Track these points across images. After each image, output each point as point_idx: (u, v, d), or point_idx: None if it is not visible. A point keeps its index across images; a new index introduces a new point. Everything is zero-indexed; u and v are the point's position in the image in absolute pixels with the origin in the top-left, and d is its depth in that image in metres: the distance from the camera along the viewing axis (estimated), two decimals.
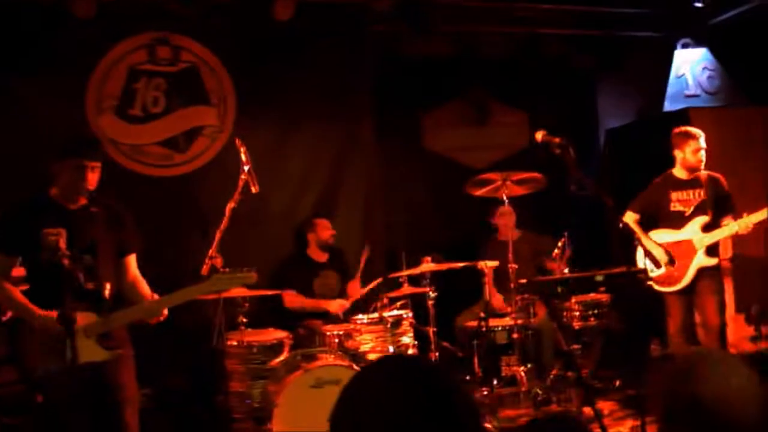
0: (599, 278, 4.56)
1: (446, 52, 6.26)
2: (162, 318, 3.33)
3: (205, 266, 4.18)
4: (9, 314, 3.93)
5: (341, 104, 6.02)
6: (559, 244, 5.18)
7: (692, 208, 4.91)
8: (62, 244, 3.20)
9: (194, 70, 5.60)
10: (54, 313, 3.08)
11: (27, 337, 3.16)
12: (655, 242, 4.86)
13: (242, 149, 4.44)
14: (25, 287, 3.26)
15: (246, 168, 4.40)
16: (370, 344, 4.70)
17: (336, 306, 5.30)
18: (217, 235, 4.27)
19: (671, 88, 6.57)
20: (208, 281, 3.39)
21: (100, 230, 3.31)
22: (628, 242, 4.76)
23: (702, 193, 4.91)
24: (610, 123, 7.11)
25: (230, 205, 4.34)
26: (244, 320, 4.53)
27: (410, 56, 6.21)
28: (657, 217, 5.04)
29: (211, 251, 4.22)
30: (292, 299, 5.33)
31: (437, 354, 4.82)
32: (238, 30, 5.66)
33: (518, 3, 6.10)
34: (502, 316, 5.38)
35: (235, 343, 4.54)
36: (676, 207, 4.99)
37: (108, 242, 3.36)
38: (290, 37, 5.74)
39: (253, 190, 4.39)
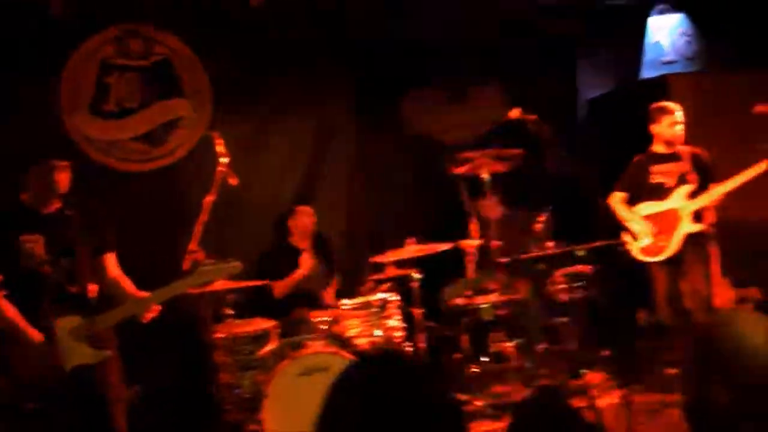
0: (581, 253, 4.59)
1: (422, 34, 6.16)
2: (154, 314, 3.34)
3: (186, 261, 4.16)
4: None
5: (319, 90, 5.98)
6: (541, 219, 5.19)
7: (675, 179, 4.93)
8: (40, 250, 3.21)
9: (168, 62, 5.54)
10: (37, 335, 3.09)
11: (14, 344, 3.16)
12: (638, 217, 4.88)
13: (218, 141, 4.42)
14: (2, 292, 3.24)
15: (223, 160, 4.38)
16: (357, 329, 4.71)
17: (305, 265, 5.30)
18: (197, 229, 4.24)
19: (648, 55, 6.55)
20: (193, 274, 3.41)
21: (76, 232, 3.31)
22: (613, 216, 4.77)
23: (684, 166, 4.92)
24: (591, 93, 7.09)
25: (209, 198, 4.32)
26: (231, 312, 4.54)
27: (388, 39, 6.12)
28: (641, 192, 5.06)
29: (191, 245, 4.20)
30: (280, 287, 5.33)
31: (425, 335, 4.84)
32: (210, 19, 5.57)
33: None
34: (488, 293, 5.39)
35: (222, 335, 4.55)
36: (657, 179, 5.01)
37: (85, 243, 3.36)
38: (265, 24, 5.67)
39: (232, 182, 4.37)
